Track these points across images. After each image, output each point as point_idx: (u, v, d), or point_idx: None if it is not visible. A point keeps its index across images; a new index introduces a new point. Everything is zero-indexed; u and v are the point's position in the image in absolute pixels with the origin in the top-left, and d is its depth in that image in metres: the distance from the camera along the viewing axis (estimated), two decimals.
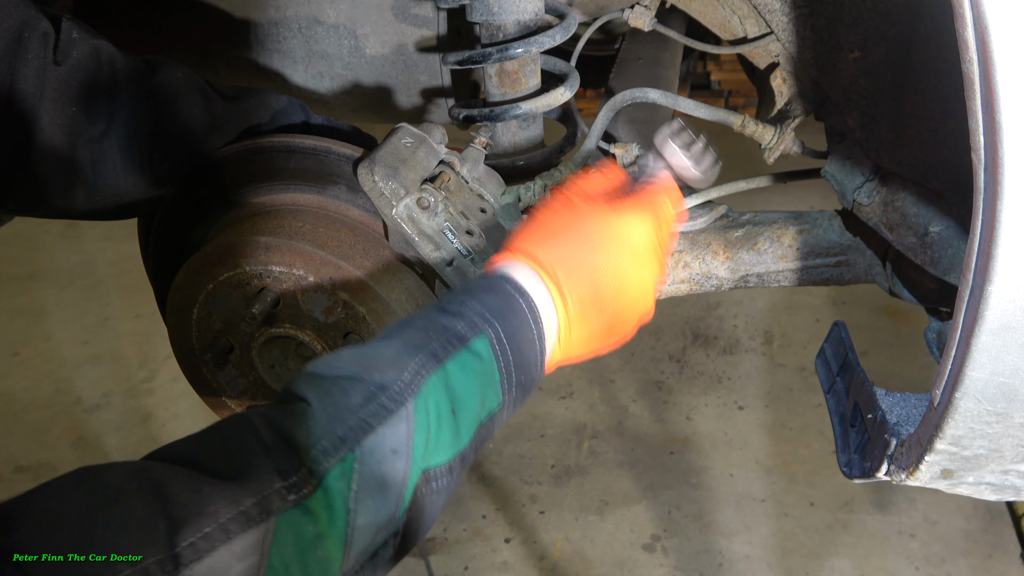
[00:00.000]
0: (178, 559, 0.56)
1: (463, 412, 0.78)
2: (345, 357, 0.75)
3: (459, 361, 0.78)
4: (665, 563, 2.57)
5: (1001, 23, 0.65)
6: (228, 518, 0.60)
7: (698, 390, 3.23)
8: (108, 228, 1.28)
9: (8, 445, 3.10)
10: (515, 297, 0.84)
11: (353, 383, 0.72)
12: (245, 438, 0.66)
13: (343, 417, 0.69)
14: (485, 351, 0.80)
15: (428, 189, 1.06)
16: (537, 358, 0.85)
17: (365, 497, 0.68)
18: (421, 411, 0.73)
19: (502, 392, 0.82)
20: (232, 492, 0.61)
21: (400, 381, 0.73)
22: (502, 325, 0.81)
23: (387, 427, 0.71)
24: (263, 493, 0.62)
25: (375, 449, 0.70)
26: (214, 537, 0.58)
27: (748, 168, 1.67)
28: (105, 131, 1.05)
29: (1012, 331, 0.78)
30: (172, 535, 0.57)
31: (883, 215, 1.18)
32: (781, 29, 1.31)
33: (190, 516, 0.58)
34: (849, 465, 1.14)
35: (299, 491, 0.64)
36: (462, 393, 0.77)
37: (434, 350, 0.77)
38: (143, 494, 0.59)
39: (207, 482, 0.61)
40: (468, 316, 0.80)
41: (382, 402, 0.71)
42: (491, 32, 1.22)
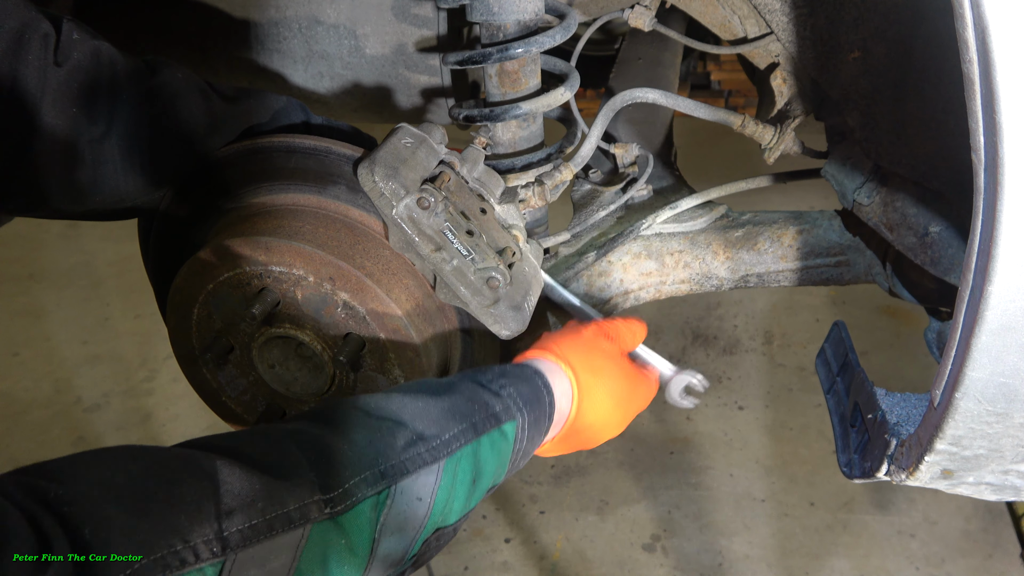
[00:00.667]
0: (225, 543, 0.60)
1: (480, 483, 0.86)
2: (395, 402, 0.82)
3: (491, 438, 0.86)
4: (665, 563, 2.57)
5: (1001, 23, 0.65)
6: (273, 515, 0.64)
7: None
8: (108, 228, 1.29)
9: (8, 445, 3.10)
10: (542, 393, 0.95)
11: (399, 427, 0.79)
12: (291, 448, 0.72)
13: (387, 456, 0.77)
14: (512, 435, 0.89)
15: (428, 189, 1.06)
16: (535, 448, 0.96)
17: (388, 532, 0.75)
18: (449, 472, 0.81)
19: (507, 471, 0.91)
20: (279, 491, 0.66)
21: (439, 439, 0.81)
22: (530, 415, 0.92)
23: (420, 475, 0.78)
24: (304, 500, 0.67)
25: (406, 491, 0.76)
26: (260, 530, 0.63)
27: (748, 168, 1.68)
28: (106, 132, 1.05)
29: (1012, 331, 0.78)
30: (222, 519, 0.61)
31: (883, 215, 1.18)
32: (781, 29, 1.31)
33: (240, 506, 0.63)
34: (849, 465, 1.14)
35: (335, 506, 0.69)
36: (486, 467, 0.86)
37: (475, 423, 0.85)
38: (197, 477, 0.63)
39: (257, 477, 0.66)
40: (505, 400, 0.90)
41: (420, 451, 0.79)
42: (491, 32, 1.22)
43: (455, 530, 0.85)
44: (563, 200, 1.53)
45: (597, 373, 1.02)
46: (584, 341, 1.05)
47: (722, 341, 3.48)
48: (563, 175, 1.33)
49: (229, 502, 0.62)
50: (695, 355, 3.41)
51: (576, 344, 1.04)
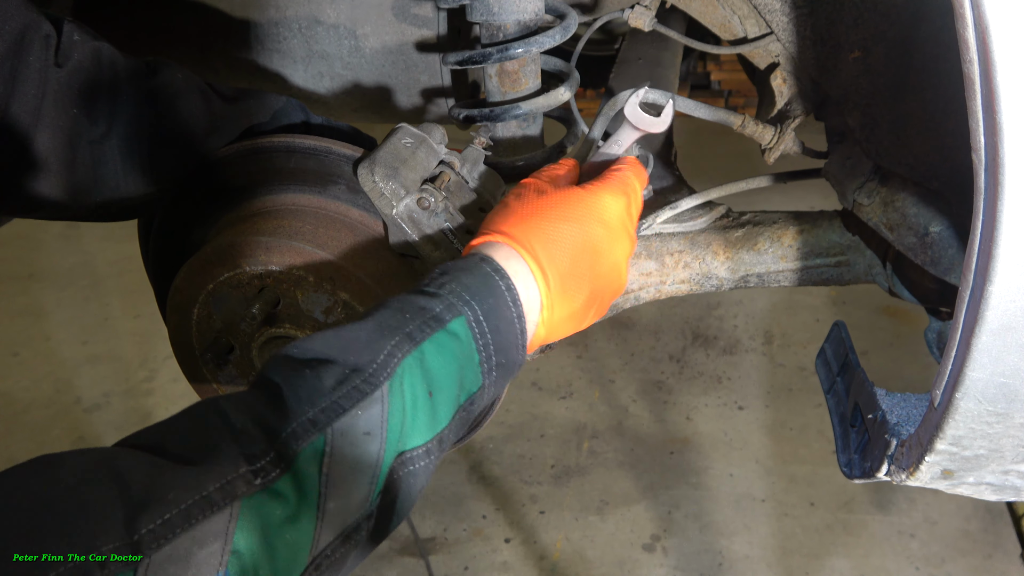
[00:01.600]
0: (137, 546, 0.55)
1: (440, 394, 0.77)
2: (318, 339, 0.74)
3: (436, 342, 0.76)
4: (665, 563, 2.57)
5: (1001, 23, 0.65)
6: (189, 503, 0.59)
7: (698, 390, 3.23)
8: (108, 228, 1.29)
9: (8, 445, 3.11)
10: (493, 277, 0.83)
11: (326, 365, 0.71)
12: (212, 422, 0.66)
13: (315, 400, 0.68)
14: (463, 332, 0.79)
15: (428, 189, 1.06)
16: (518, 339, 0.84)
17: (337, 480, 0.68)
18: (396, 393, 0.72)
19: (482, 373, 0.81)
20: (195, 477, 0.60)
21: (374, 363, 0.72)
22: (480, 305, 0.80)
23: (360, 409, 0.70)
24: (227, 477, 0.61)
25: (347, 431, 0.69)
26: (175, 523, 0.57)
27: (748, 168, 1.68)
28: (106, 132, 1.05)
29: (1012, 331, 0.78)
30: (131, 522, 0.56)
31: (883, 215, 1.18)
32: (781, 29, 1.31)
33: (150, 502, 0.57)
34: (849, 465, 1.14)
35: (267, 475, 0.63)
36: (439, 375, 0.76)
37: (410, 331, 0.76)
38: (102, 481, 0.58)
39: (169, 468, 0.60)
40: (445, 297, 0.79)
41: (356, 384, 0.70)
42: (491, 32, 1.22)
43: (430, 450, 0.76)
44: None
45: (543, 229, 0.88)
46: (515, 204, 0.91)
47: (722, 341, 3.48)
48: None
49: (138, 501, 0.57)
50: (695, 355, 3.41)
51: (507, 211, 0.90)
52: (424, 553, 2.61)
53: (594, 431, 3.08)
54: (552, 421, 3.14)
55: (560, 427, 3.11)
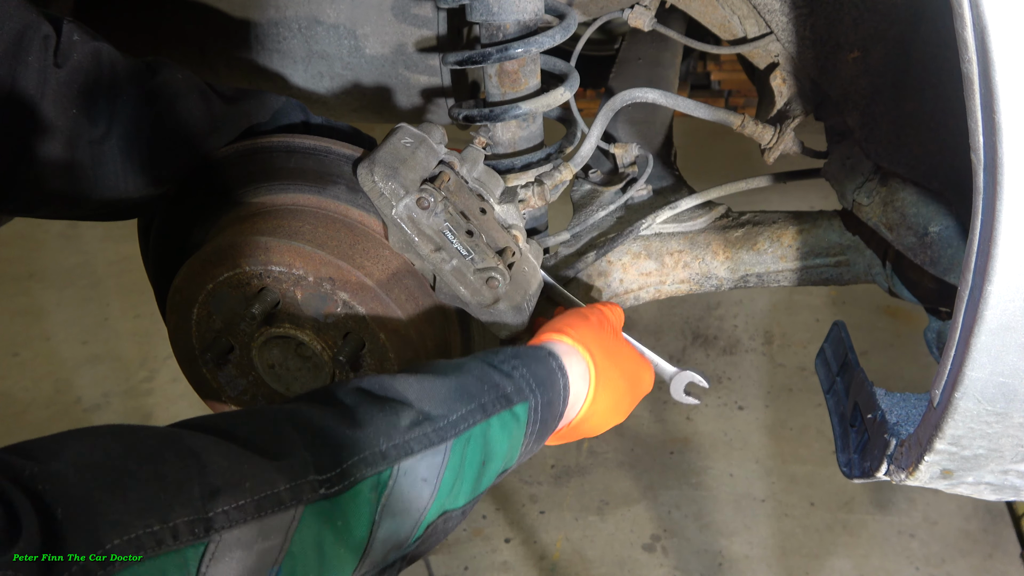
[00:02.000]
0: (209, 523, 0.58)
1: (490, 465, 0.83)
2: (399, 381, 0.80)
3: (503, 419, 0.83)
4: (665, 563, 2.57)
5: (1001, 23, 0.65)
6: (262, 496, 0.62)
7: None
8: (108, 228, 1.29)
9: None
10: (557, 373, 0.92)
11: (403, 407, 0.76)
12: (287, 427, 0.69)
13: (390, 435, 0.73)
14: (523, 416, 0.86)
15: (428, 189, 1.06)
16: (553, 428, 0.93)
17: (390, 513, 0.72)
18: (457, 453, 0.78)
19: (520, 455, 0.88)
20: (269, 472, 0.63)
21: (447, 419, 0.78)
22: (543, 396, 0.89)
23: (425, 456, 0.75)
24: (297, 480, 0.65)
25: (410, 472, 0.73)
26: (247, 510, 0.60)
27: (748, 168, 1.68)
28: (106, 132, 1.05)
29: (1012, 331, 0.78)
30: (206, 500, 0.58)
31: (883, 215, 1.18)
32: (781, 29, 1.31)
33: (226, 486, 0.60)
34: (849, 465, 1.14)
35: (331, 487, 0.67)
36: (496, 449, 0.83)
37: (484, 404, 0.82)
38: (181, 456, 0.60)
39: (247, 457, 0.64)
40: (517, 381, 0.87)
41: (426, 431, 0.76)
42: (491, 32, 1.22)
43: (464, 513, 0.82)
44: (563, 200, 1.53)
45: (611, 355, 0.99)
46: (593, 324, 1.02)
47: (722, 341, 3.48)
48: (563, 175, 1.33)
49: (215, 481, 0.60)
50: (695, 355, 3.41)
51: (587, 326, 1.00)
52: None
53: None
54: None
55: None
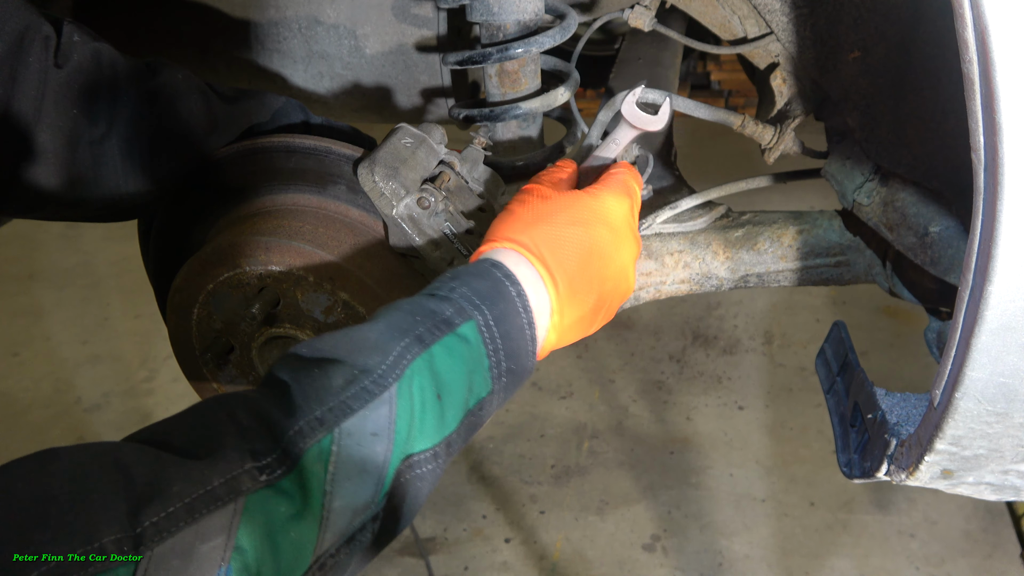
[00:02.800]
0: (139, 539, 0.55)
1: (449, 397, 0.76)
2: (328, 340, 0.74)
3: (446, 345, 0.76)
4: (665, 563, 2.57)
5: (1001, 23, 0.65)
6: (193, 498, 0.59)
7: (698, 390, 3.23)
8: (108, 228, 1.29)
9: (8, 445, 3.10)
10: (503, 282, 0.83)
11: (335, 365, 0.71)
12: (219, 418, 0.66)
13: (323, 399, 0.68)
14: (473, 336, 0.79)
15: (428, 189, 1.06)
16: (528, 344, 0.84)
17: (342, 479, 0.67)
18: (405, 395, 0.72)
19: (491, 378, 0.81)
20: (199, 472, 0.60)
21: (384, 364, 0.72)
22: (491, 310, 0.81)
23: (368, 410, 0.70)
24: (232, 473, 0.61)
25: (354, 432, 0.69)
26: (178, 517, 0.57)
27: (748, 168, 1.68)
28: (106, 133, 1.06)
29: (1012, 331, 0.78)
30: (134, 514, 0.56)
31: (883, 215, 1.18)
32: (781, 29, 1.31)
33: (153, 496, 0.57)
34: (849, 465, 1.14)
35: (272, 472, 0.63)
36: (448, 378, 0.76)
37: (420, 334, 0.76)
38: (106, 473, 0.57)
39: (173, 462, 0.60)
40: (456, 301, 0.80)
41: (364, 385, 0.70)
42: (491, 32, 1.22)
43: (436, 455, 0.76)
44: None
45: (561, 243, 0.88)
46: (521, 211, 0.91)
47: (722, 341, 3.48)
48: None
49: (141, 494, 0.57)
50: (695, 355, 3.41)
51: (514, 218, 0.90)
52: (424, 553, 2.61)
53: (594, 431, 3.08)
54: (552, 421, 3.14)
55: (560, 427, 3.11)
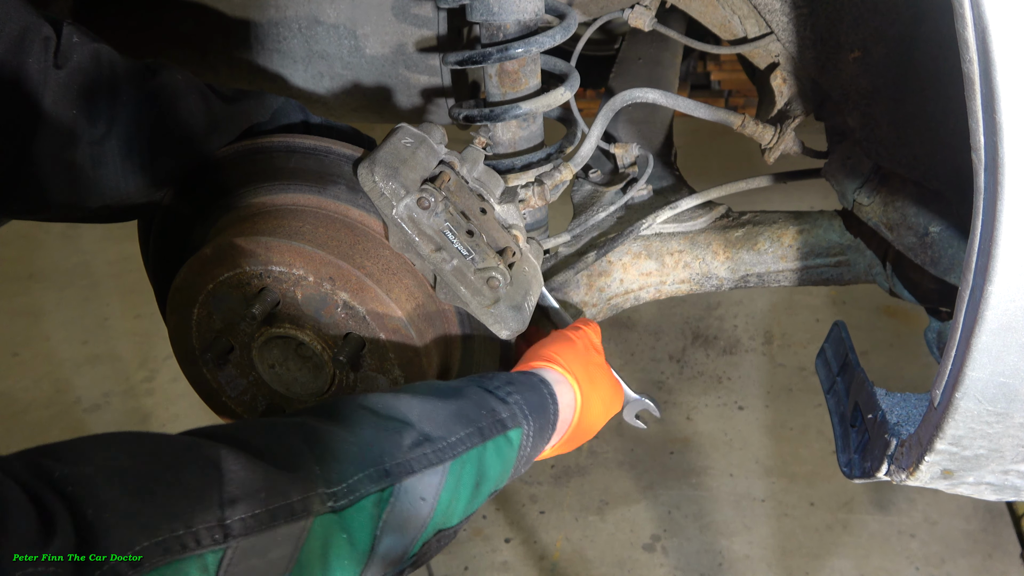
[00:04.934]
0: (228, 530, 0.61)
1: (483, 487, 0.87)
2: (403, 402, 0.84)
3: (497, 444, 0.88)
4: (665, 563, 2.57)
5: (1001, 23, 0.65)
6: (276, 506, 0.64)
7: (698, 390, 3.23)
8: (108, 228, 1.29)
9: (8, 445, 3.08)
10: (548, 402, 0.98)
11: (405, 427, 0.80)
12: (295, 440, 0.72)
13: (393, 453, 0.76)
14: (517, 442, 0.91)
15: (428, 189, 1.06)
16: (538, 454, 0.99)
17: (389, 531, 0.75)
18: (454, 474, 0.82)
19: (510, 476, 0.93)
20: (283, 483, 0.66)
21: (445, 441, 0.82)
22: (535, 423, 0.94)
23: (424, 476, 0.78)
24: (308, 493, 0.68)
25: (410, 491, 0.77)
26: (262, 519, 0.63)
27: (748, 168, 1.68)
28: (106, 133, 1.05)
29: (1012, 331, 0.78)
30: (225, 507, 0.61)
31: (883, 215, 1.18)
32: (781, 29, 1.31)
33: (243, 494, 0.63)
34: (849, 465, 1.14)
35: (338, 501, 0.70)
36: (490, 472, 0.87)
37: (482, 428, 0.87)
38: (201, 464, 0.63)
39: (262, 468, 0.66)
40: (512, 407, 0.92)
41: (426, 452, 0.80)
42: (491, 32, 1.22)
43: (455, 532, 0.86)
44: (563, 200, 1.53)
45: (595, 383, 1.08)
46: (580, 351, 1.10)
47: (722, 341, 3.48)
48: (563, 175, 1.33)
49: (232, 490, 0.62)
50: (695, 355, 3.41)
51: (575, 354, 1.08)
52: None
53: None
54: None
55: None
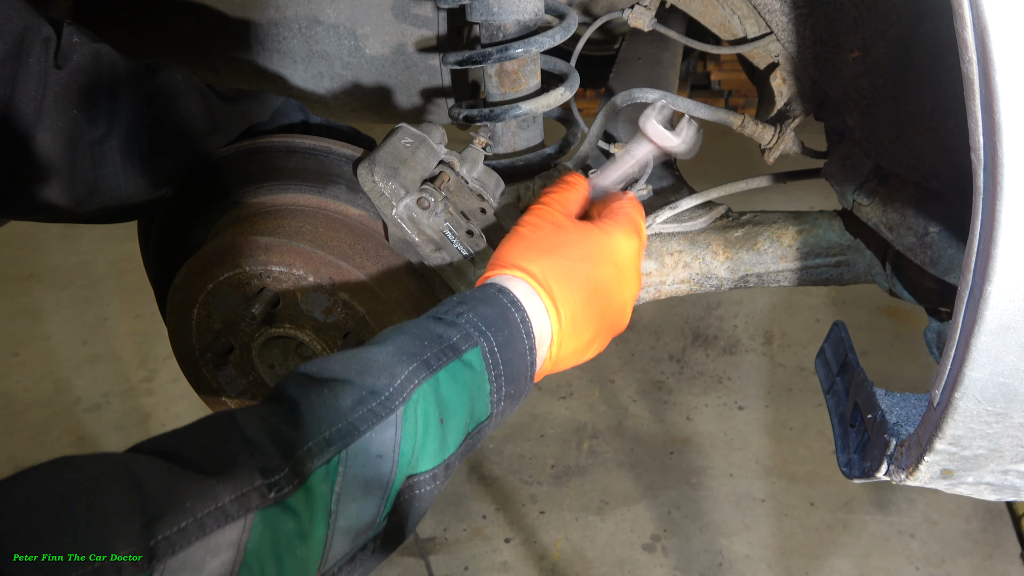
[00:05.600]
0: (152, 552, 0.56)
1: (451, 421, 0.79)
2: (337, 360, 0.76)
3: (451, 371, 0.79)
4: (665, 563, 2.57)
5: (1001, 23, 0.65)
6: (204, 513, 0.60)
7: (698, 390, 3.23)
8: (107, 228, 1.29)
9: (8, 445, 3.11)
10: (510, 309, 0.85)
11: (344, 386, 0.73)
12: (229, 434, 0.67)
13: (332, 419, 0.70)
14: (477, 362, 0.81)
15: (428, 189, 1.06)
16: (527, 370, 0.86)
17: (348, 500, 0.69)
18: (410, 418, 0.74)
19: (491, 403, 0.83)
20: (211, 487, 0.61)
21: (391, 387, 0.74)
22: (496, 337, 0.83)
23: (375, 432, 0.71)
24: (243, 490, 0.62)
25: (361, 453, 0.70)
26: (189, 532, 0.58)
27: (748, 168, 1.67)
28: (106, 133, 1.06)
29: (1012, 331, 0.78)
30: (147, 529, 0.56)
31: (883, 215, 1.18)
32: (781, 29, 1.31)
33: (166, 510, 0.58)
34: (849, 465, 1.14)
35: (280, 489, 0.64)
36: (451, 403, 0.78)
37: (427, 359, 0.78)
38: (120, 486, 0.58)
39: (186, 476, 0.61)
40: (463, 327, 0.82)
41: (372, 407, 0.72)
42: (491, 32, 1.22)
43: (435, 476, 0.78)
44: None
45: (569, 276, 0.90)
46: (534, 237, 0.92)
47: (722, 341, 3.48)
48: (562, 175, 1.33)
49: (155, 507, 0.58)
50: (695, 355, 3.41)
51: (525, 244, 0.91)
52: (424, 553, 2.61)
53: (594, 431, 3.08)
54: (552, 421, 3.14)
55: (560, 427, 3.11)
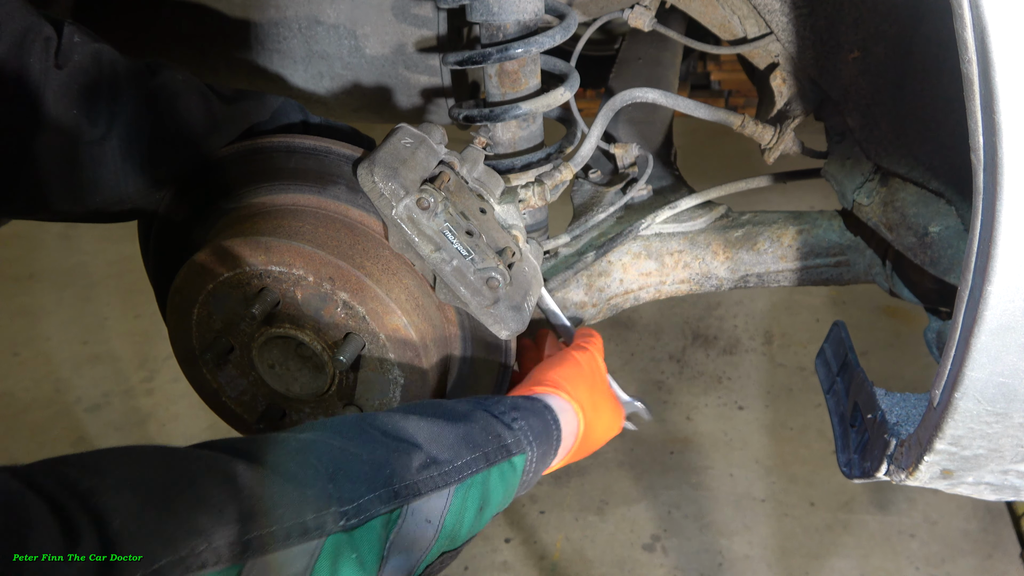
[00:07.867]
0: (245, 547, 0.61)
1: (486, 511, 0.90)
2: (412, 424, 0.86)
3: (501, 469, 0.91)
4: (665, 563, 2.57)
5: (1000, 24, 0.65)
6: (291, 524, 0.66)
7: (698, 390, 3.23)
8: (107, 229, 1.29)
9: (8, 445, 3.11)
10: (552, 429, 1.01)
11: (414, 449, 0.82)
12: (309, 459, 0.74)
13: (402, 475, 0.79)
14: (520, 467, 0.94)
15: (428, 189, 1.06)
16: (539, 477, 1.01)
17: (396, 551, 0.76)
18: (459, 498, 0.84)
19: (511, 498, 0.95)
20: (298, 501, 0.68)
21: (451, 465, 0.84)
22: (539, 449, 0.97)
23: (431, 498, 0.81)
24: (321, 512, 0.69)
25: (417, 513, 0.79)
26: (277, 536, 0.64)
27: (748, 168, 1.68)
28: (106, 133, 1.05)
29: (1012, 331, 0.78)
30: (243, 524, 0.62)
31: (883, 215, 1.18)
32: (781, 29, 1.31)
33: (260, 511, 0.64)
34: (849, 465, 1.14)
35: (349, 520, 0.71)
36: (493, 497, 0.90)
37: (487, 453, 0.89)
38: (219, 480, 0.64)
39: (279, 485, 0.68)
40: (517, 433, 0.95)
41: (433, 475, 0.82)
42: (491, 32, 1.22)
43: (458, 553, 0.90)
44: (563, 200, 1.53)
45: (598, 409, 1.11)
46: (586, 376, 1.12)
47: (722, 341, 3.48)
48: (563, 175, 1.33)
49: (250, 507, 0.63)
50: (695, 355, 3.41)
51: (581, 379, 1.11)
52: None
53: None
54: None
55: None
